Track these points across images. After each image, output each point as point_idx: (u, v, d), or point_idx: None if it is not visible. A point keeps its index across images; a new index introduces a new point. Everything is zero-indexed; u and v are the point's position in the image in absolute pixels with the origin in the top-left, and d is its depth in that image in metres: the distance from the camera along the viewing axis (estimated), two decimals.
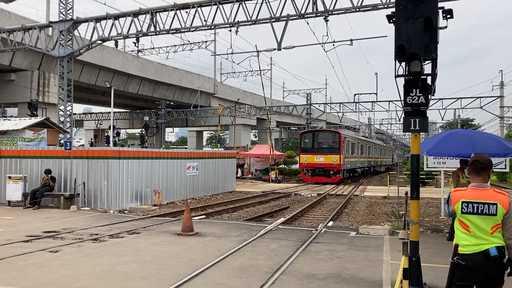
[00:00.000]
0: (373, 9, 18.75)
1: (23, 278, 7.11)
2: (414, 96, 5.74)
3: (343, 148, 33.73)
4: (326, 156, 33.42)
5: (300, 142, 35.59)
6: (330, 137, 34.82)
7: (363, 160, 43.98)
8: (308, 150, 34.55)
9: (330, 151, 33.66)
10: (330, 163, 33.22)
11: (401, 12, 5.64)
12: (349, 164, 36.66)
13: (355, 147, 39.50)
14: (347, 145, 35.48)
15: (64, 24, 25.54)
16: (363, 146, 43.81)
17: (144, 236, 10.95)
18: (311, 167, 33.98)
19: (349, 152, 36.68)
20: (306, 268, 7.96)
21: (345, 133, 37.80)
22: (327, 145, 34.45)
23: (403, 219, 12.38)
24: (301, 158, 34.65)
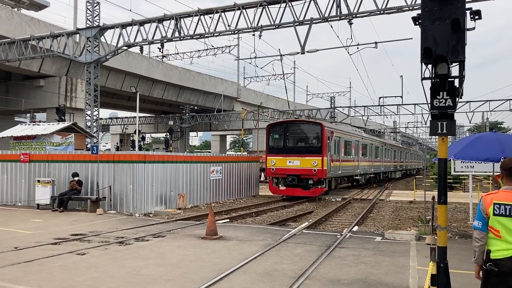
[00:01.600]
0: (398, 11, 18.53)
1: (51, 280, 7.26)
2: (441, 99, 5.62)
3: (328, 146, 23.32)
4: (303, 158, 22.65)
5: (267, 138, 24.28)
6: (309, 131, 23.93)
7: (366, 164, 33.52)
8: (278, 150, 23.70)
9: (308, 151, 22.91)
10: (308, 168, 22.45)
11: (427, 13, 5.55)
12: (340, 169, 25.88)
13: (351, 147, 28.97)
14: (335, 143, 25.07)
15: (91, 30, 26.06)
16: (366, 146, 33.84)
17: (169, 240, 11.04)
18: (281, 174, 23.09)
19: (340, 152, 25.94)
20: (331, 273, 7.88)
21: (331, 126, 26.28)
22: (305, 142, 23.72)
23: (430, 224, 12.15)
24: (268, 161, 23.67)
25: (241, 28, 21.64)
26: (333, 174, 24.62)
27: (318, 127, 23.35)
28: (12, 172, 18.96)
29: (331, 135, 23.88)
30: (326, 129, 23.10)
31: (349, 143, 28.70)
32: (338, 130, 26.42)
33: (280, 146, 23.79)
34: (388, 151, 44.24)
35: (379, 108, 46.30)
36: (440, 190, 5.74)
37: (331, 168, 23.87)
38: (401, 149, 54.15)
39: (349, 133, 29.50)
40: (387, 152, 43.38)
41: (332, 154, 24.11)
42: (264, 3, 20.41)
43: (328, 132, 23.54)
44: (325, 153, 22.61)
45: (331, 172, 23.82)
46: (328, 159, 23.25)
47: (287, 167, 22.88)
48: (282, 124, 24.49)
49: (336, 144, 25.16)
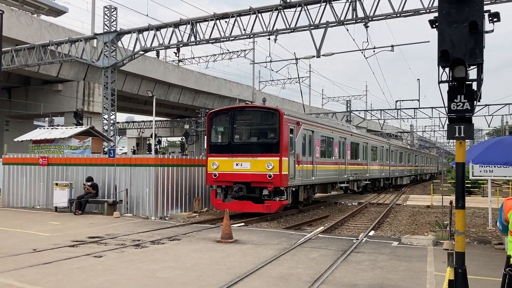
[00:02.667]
0: (414, 14, 18.39)
1: (69, 282, 7.34)
2: (459, 102, 5.56)
3: (291, 143, 16.84)
4: (255, 159, 16.25)
5: (208, 132, 17.81)
6: (262, 121, 17.32)
7: (358, 168, 27.06)
8: (222, 148, 17.21)
9: (262, 150, 16.44)
10: (261, 173, 16.11)
11: (444, 16, 5.50)
12: (313, 175, 19.32)
13: (332, 146, 22.56)
14: (305, 139, 18.58)
15: (108, 35, 26.40)
16: (358, 146, 27.34)
17: (185, 243, 11.09)
18: (226, 181, 16.75)
19: (313, 152, 19.33)
20: (346, 278, 7.83)
21: (297, 115, 18.72)
22: (258, 137, 17.37)
23: (447, 229, 11.99)
24: (208, 164, 17.12)
25: (256, 32, 21.70)
26: (301, 181, 17.92)
27: (274, 115, 16.42)
28: (31, 175, 19.27)
29: (296, 127, 17.32)
30: (286, 119, 16.41)
31: (330, 140, 22.19)
32: (309, 122, 19.42)
33: (224, 142, 17.17)
34: (393, 153, 38.24)
35: (395, 111, 45.92)
36: (458, 195, 5.68)
37: (297, 173, 17.27)
38: (409, 151, 47.95)
39: (328, 127, 22.11)
40: (390, 154, 37.20)
41: (299, 154, 17.46)
42: (280, 7, 20.45)
43: (291, 122, 16.91)
44: (284, 151, 16.10)
45: (297, 179, 17.30)
46: (291, 161, 16.71)
47: (233, 171, 16.46)
48: (228, 112, 17.27)
49: (307, 141, 18.60)
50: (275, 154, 16.04)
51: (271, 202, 16.05)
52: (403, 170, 42.58)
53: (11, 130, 42.83)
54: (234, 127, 17.17)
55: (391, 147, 38.04)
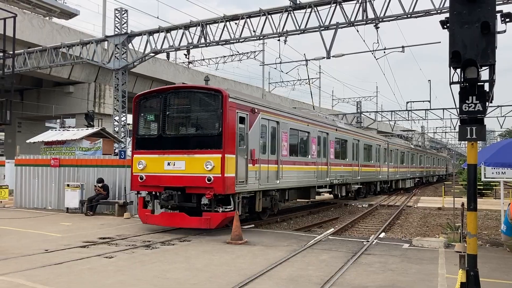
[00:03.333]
0: (425, 15, 18.28)
1: (80, 282, 7.40)
2: (470, 103, 5.53)
3: (239, 136, 13.17)
4: (190, 156, 12.76)
5: (135, 121, 14.15)
6: (200, 106, 13.50)
7: (345, 170, 23.10)
8: (150, 142, 13.68)
9: (200, 144, 12.90)
10: (198, 175, 12.55)
11: (455, 17, 5.47)
12: (278, 177, 15.37)
13: (307, 141, 18.34)
14: (265, 131, 14.80)
15: (119, 38, 26.59)
16: (345, 144, 23.56)
17: (195, 244, 11.12)
18: (156, 186, 13.15)
19: (278, 148, 15.47)
20: (357, 280, 7.79)
21: (251, 99, 14.53)
22: (196, 127, 13.64)
23: (459, 231, 11.89)
24: (134, 163, 13.65)
25: (266, 33, 21.71)
26: (259, 186, 14.02)
27: (215, 98, 12.73)
28: (43, 176, 19.45)
29: (250, 115, 13.54)
30: (233, 103, 12.70)
31: (304, 135, 17.97)
32: (271, 110, 15.15)
33: (154, 135, 13.57)
34: (393, 153, 34.46)
35: (406, 112, 45.67)
36: (469, 197, 5.64)
37: (251, 175, 13.47)
38: (413, 151, 44.35)
39: (302, 118, 17.76)
40: (390, 154, 33.50)
41: (254, 151, 13.60)
42: (290, 8, 20.44)
43: (242, 109, 13.17)
44: (230, 146, 12.44)
45: (251, 182, 13.45)
46: (242, 159, 13.05)
47: (164, 173, 12.85)
48: (159, 95, 13.57)
49: (268, 134, 14.88)
50: (216, 150, 12.31)
51: (211, 214, 12.19)
52: (405, 172, 39.03)
53: (23, 132, 43.31)
54: (166, 114, 13.26)
55: (391, 146, 34.05)
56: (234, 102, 12.86)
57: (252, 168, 13.66)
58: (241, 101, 13.33)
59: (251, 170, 13.55)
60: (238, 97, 13.30)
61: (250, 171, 13.46)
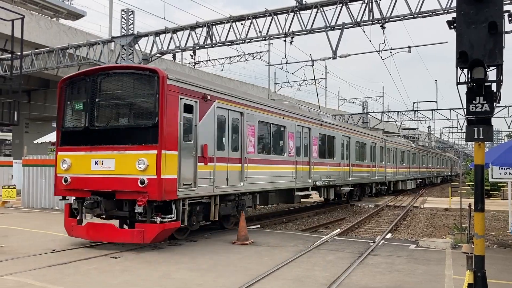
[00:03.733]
0: (432, 15, 18.19)
1: (87, 282, 7.44)
2: (478, 104, 5.52)
3: (185, 127, 10.98)
4: (121, 153, 10.40)
5: (61, 110, 11.90)
6: (135, 90, 10.80)
7: (331, 170, 20.51)
8: (76, 136, 11.33)
9: (133, 138, 10.44)
10: (129, 176, 10.21)
11: (462, 17, 5.45)
12: (244, 179, 13.36)
13: (281, 137, 16.07)
14: (217, 122, 12.28)
15: (126, 38, 26.68)
16: (333, 141, 21.13)
17: (201, 244, 11.14)
18: (81, 190, 10.81)
19: (242, 144, 13.42)
20: (363, 280, 7.78)
21: (197, 82, 11.70)
22: (128, 117, 11.01)
23: (466, 232, 11.83)
24: (58, 161, 11.33)
25: (272, 34, 21.71)
26: (214, 190, 11.83)
27: (150, 80, 10.49)
28: (50, 176, 19.55)
29: (200, 103, 11.36)
30: (174, 87, 10.52)
31: (278, 129, 15.78)
32: (232, 98, 12.94)
33: (79, 127, 11.35)
34: (391, 152, 32.30)
35: (413, 113, 45.49)
36: (477, 197, 5.62)
37: (202, 176, 11.29)
38: (415, 151, 42.05)
39: (274, 109, 15.43)
40: (387, 153, 31.15)
41: (206, 147, 11.42)
42: (296, 8, 20.43)
43: (187, 94, 10.96)
44: (170, 141, 10.26)
45: (202, 186, 11.26)
46: (188, 156, 10.88)
47: (91, 174, 10.67)
48: (87, 77, 11.33)
49: (228, 127, 12.73)
50: (151, 145, 10.07)
51: (145, 226, 9.89)
52: (405, 173, 36.82)
53: (30, 132, 43.58)
54: (95, 102, 10.98)
55: (388, 144, 31.74)
56: (176, 86, 10.58)
57: (204, 168, 11.40)
58: (187, 85, 11.02)
59: (202, 170, 11.30)
60: (182, 80, 10.89)
61: (200, 172, 11.22)
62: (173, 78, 10.61)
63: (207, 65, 51.35)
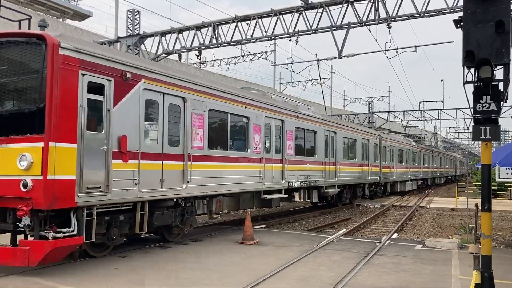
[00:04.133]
0: (438, 14, 18.11)
1: (93, 281, 7.47)
2: (485, 103, 5.49)
3: (90, 113, 8.51)
4: (3, 147, 8.06)
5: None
6: (19, 64, 8.29)
7: (310, 170, 17.71)
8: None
9: (13, 126, 8.18)
10: (10, 177, 7.86)
11: (469, 16, 5.43)
12: (187, 180, 10.79)
13: (243, 130, 13.77)
14: (144, 108, 9.69)
15: (132, 39, 26.77)
16: (314, 136, 18.37)
17: (206, 244, 11.15)
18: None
19: (182, 138, 10.83)
20: (369, 280, 7.75)
21: (110, 54, 9.09)
22: (12, 101, 8.45)
23: (473, 232, 11.77)
24: None
25: (277, 34, 21.70)
26: (140, 194, 9.50)
27: (37, 49, 8.07)
28: None
29: (116, 82, 9.10)
30: (69, 58, 8.14)
31: (236, 120, 13.34)
32: (167, 77, 10.53)
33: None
34: (387, 150, 29.59)
35: (419, 113, 45.32)
36: (483, 197, 5.60)
37: (118, 178, 9.01)
38: (415, 149, 39.40)
39: (231, 95, 12.91)
40: (383, 152, 28.40)
41: (123, 139, 9.18)
42: (301, 8, 20.41)
43: (93, 69, 8.68)
44: (63, 129, 7.96)
45: (116, 190, 8.94)
46: (100, 151, 8.74)
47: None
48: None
49: (161, 114, 10.33)
50: (36, 135, 7.86)
51: (30, 243, 7.71)
52: (405, 173, 34.17)
53: None
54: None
55: (384, 142, 28.99)
56: (75, 58, 8.20)
57: (123, 167, 9.05)
58: (93, 58, 8.59)
59: (119, 169, 8.95)
60: (85, 50, 8.45)
61: (116, 171, 8.88)
62: (70, 47, 8.10)
63: (212, 65, 51.42)
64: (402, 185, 33.89)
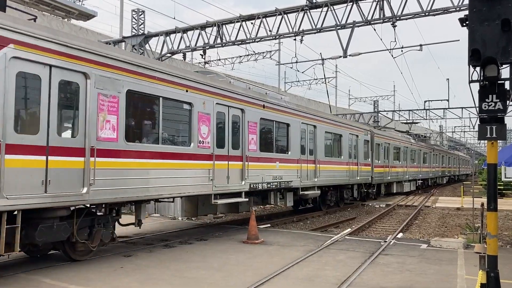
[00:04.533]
0: (443, 13, 18.04)
1: (99, 280, 7.49)
2: (490, 102, 5.46)
3: None
4: None
5: None
6: None
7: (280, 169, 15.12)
8: None
9: None
10: None
11: (475, 14, 5.40)
12: (92, 183, 8.33)
13: (191, 122, 11.24)
14: (3, 81, 6.99)
15: (136, 38, 26.84)
16: (287, 130, 15.85)
17: (211, 243, 11.16)
18: None
19: (84, 125, 8.40)
20: (374, 280, 7.74)
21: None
22: None
23: (479, 232, 11.71)
24: None
25: (282, 33, 21.68)
26: (4, 203, 6.93)
27: None
28: None
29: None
30: None
31: (172, 106, 10.92)
32: (56, 43, 7.96)
33: None
34: (380, 147, 26.87)
35: (424, 112, 45.15)
36: (489, 197, 5.58)
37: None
38: (414, 147, 36.38)
39: (163, 73, 10.45)
40: (376, 149, 25.87)
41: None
42: (306, 7, 20.39)
43: None
44: None
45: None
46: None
47: None
48: None
49: (41, 92, 7.74)
50: None
51: None
52: (402, 173, 31.56)
53: None
54: None
55: (377, 138, 26.27)
56: None
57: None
58: None
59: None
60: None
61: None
62: None
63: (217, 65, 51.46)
64: (399, 186, 31.40)
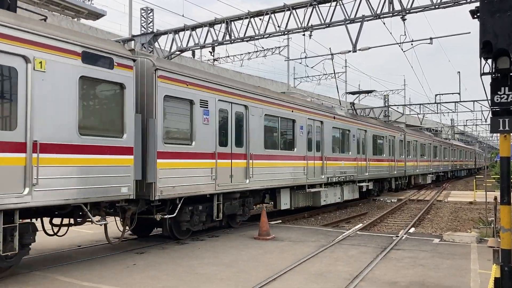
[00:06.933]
0: (454, 5, 17.85)
1: (111, 277, 7.56)
2: (503, 94, 5.41)
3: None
4: None
5: None
6: None
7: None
8: None
9: None
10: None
11: (486, 6, 5.34)
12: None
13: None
14: None
15: (145, 37, 26.93)
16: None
17: (223, 239, 11.20)
18: None
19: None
20: (387, 275, 7.71)
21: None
22: None
23: (492, 226, 11.61)
24: None
25: (291, 28, 21.63)
26: None
27: None
28: None
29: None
30: None
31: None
32: None
33: None
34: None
35: (435, 105, 44.77)
36: (502, 190, 5.53)
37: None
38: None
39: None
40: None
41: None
42: (314, 2, 20.29)
43: None
44: None
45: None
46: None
47: None
48: None
49: None
50: None
51: None
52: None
53: None
54: None
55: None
56: None
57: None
58: None
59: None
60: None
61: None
62: None
63: (226, 62, 51.42)
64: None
